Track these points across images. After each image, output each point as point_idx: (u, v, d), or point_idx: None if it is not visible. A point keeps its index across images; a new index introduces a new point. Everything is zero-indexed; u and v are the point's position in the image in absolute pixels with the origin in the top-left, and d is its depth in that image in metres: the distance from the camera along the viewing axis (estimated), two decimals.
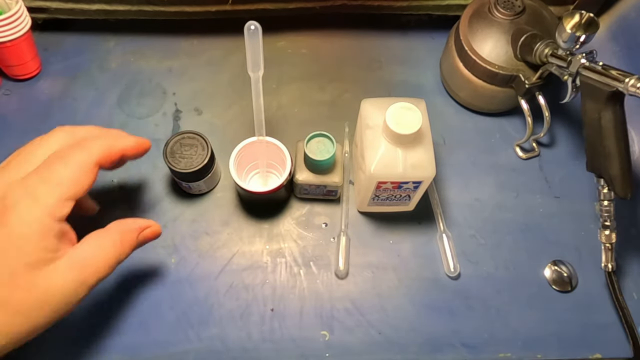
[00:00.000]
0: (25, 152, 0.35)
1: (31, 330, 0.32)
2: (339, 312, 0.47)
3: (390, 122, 0.40)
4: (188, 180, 0.47)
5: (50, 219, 0.32)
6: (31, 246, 0.32)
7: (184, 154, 0.45)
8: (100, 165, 0.36)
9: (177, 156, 0.45)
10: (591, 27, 0.43)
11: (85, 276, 0.34)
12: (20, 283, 0.31)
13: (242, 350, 0.45)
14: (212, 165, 0.48)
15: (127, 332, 0.45)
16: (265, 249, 0.49)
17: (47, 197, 0.32)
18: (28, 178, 0.33)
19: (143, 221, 0.39)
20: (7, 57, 0.54)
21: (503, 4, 0.51)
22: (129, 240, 0.37)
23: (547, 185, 0.54)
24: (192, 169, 0.45)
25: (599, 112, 0.42)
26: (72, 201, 0.34)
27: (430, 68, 0.60)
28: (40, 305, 0.32)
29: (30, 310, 0.32)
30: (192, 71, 0.59)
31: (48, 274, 0.32)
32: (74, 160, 0.34)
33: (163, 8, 0.57)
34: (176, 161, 0.45)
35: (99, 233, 0.36)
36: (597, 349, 0.47)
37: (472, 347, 0.46)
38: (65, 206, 0.33)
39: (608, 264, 0.47)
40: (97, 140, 0.36)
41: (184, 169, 0.45)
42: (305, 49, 0.61)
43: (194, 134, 0.46)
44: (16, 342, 0.32)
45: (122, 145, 0.37)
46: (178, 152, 0.45)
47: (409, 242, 0.50)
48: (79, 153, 0.35)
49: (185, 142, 0.46)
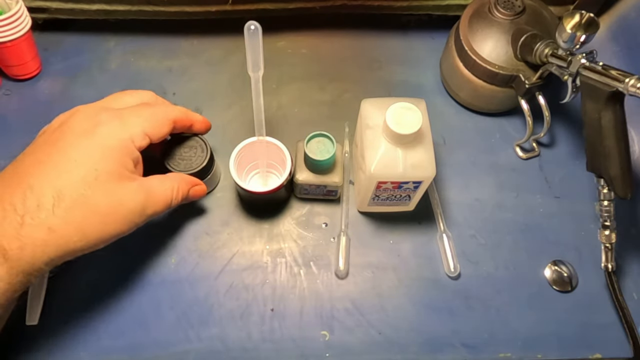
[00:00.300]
0: (117, 96, 0.42)
1: (100, 237, 0.36)
2: (339, 312, 0.47)
3: (391, 122, 0.40)
4: None
5: (132, 144, 0.38)
6: (114, 158, 0.36)
7: (183, 156, 0.45)
8: (175, 124, 0.42)
9: (177, 158, 0.45)
10: (591, 27, 0.43)
11: (148, 204, 0.38)
12: (102, 187, 0.35)
13: (242, 350, 0.45)
14: (212, 167, 0.48)
15: (127, 332, 0.45)
16: (265, 249, 0.49)
17: (134, 125, 0.38)
18: (122, 110, 0.39)
19: (195, 179, 0.45)
20: (7, 57, 0.54)
21: (503, 4, 0.51)
22: (183, 190, 0.43)
23: (547, 185, 0.54)
24: (191, 170, 0.44)
25: (599, 112, 0.42)
26: (149, 139, 0.39)
27: (430, 68, 0.60)
28: (113, 213, 0.36)
29: (105, 214, 0.36)
30: (192, 71, 0.59)
31: (123, 189, 0.37)
32: (160, 110, 0.41)
33: (163, 8, 0.57)
34: (175, 163, 0.45)
35: (162, 176, 0.42)
36: (597, 349, 0.47)
37: (472, 347, 0.46)
38: (145, 139, 0.39)
39: (608, 264, 0.47)
40: (177, 106, 0.44)
41: (183, 171, 0.44)
42: (305, 49, 0.61)
43: (193, 136, 0.46)
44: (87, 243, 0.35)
45: (193, 116, 0.44)
46: (177, 154, 0.45)
47: (409, 242, 0.50)
48: (163, 107, 0.42)
49: (184, 143, 0.45)
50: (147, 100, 0.43)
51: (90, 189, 0.35)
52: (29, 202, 0.33)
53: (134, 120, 0.38)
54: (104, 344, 0.44)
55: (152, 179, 0.40)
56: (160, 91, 0.57)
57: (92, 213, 0.35)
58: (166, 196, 0.40)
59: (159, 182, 0.40)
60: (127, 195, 0.37)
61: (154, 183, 0.40)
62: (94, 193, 0.35)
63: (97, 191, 0.35)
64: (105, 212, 0.36)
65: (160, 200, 0.40)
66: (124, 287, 0.46)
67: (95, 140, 0.36)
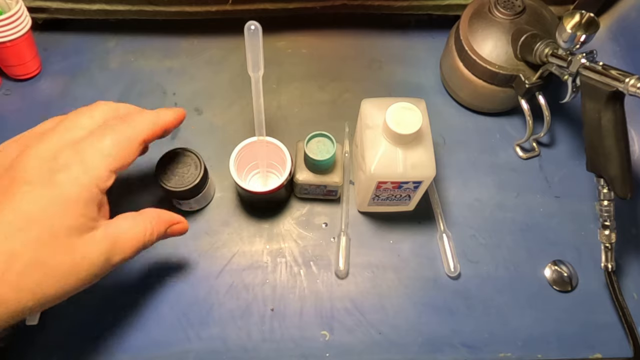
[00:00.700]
0: (71, 120, 0.36)
1: (58, 295, 0.32)
2: (339, 312, 0.47)
3: (390, 122, 0.40)
4: (178, 198, 0.47)
5: (97, 188, 0.33)
6: (76, 211, 0.32)
7: (175, 172, 0.44)
8: (145, 142, 0.36)
9: (169, 174, 0.43)
10: (591, 27, 0.43)
11: (113, 253, 0.34)
12: (60, 245, 0.31)
13: (242, 350, 0.45)
14: (205, 184, 0.47)
15: (128, 332, 0.45)
16: (265, 249, 0.49)
17: (97, 166, 0.33)
18: (80, 144, 0.33)
19: (175, 216, 0.40)
20: (7, 57, 0.54)
21: (503, 4, 0.51)
22: (158, 230, 0.38)
23: (547, 185, 0.54)
24: (183, 187, 0.43)
25: (599, 112, 0.42)
26: (115, 174, 0.34)
27: (431, 68, 0.60)
28: (74, 271, 0.32)
29: (63, 274, 0.32)
30: (192, 71, 0.59)
31: (85, 242, 0.32)
32: (124, 135, 0.35)
33: (163, 8, 0.57)
34: (167, 179, 0.43)
35: (133, 215, 0.37)
36: (597, 348, 0.47)
37: (472, 347, 0.46)
38: (110, 178, 0.34)
39: (608, 263, 0.47)
40: (142, 117, 0.37)
41: (174, 187, 0.43)
42: (305, 48, 0.61)
43: (188, 152, 0.45)
44: (43, 305, 0.32)
45: (164, 120, 0.38)
46: (170, 170, 0.43)
47: (409, 242, 0.50)
48: (128, 128, 0.35)
49: (178, 159, 0.44)
50: (104, 116, 0.36)
51: (46, 249, 0.31)
52: None
53: (96, 160, 0.33)
54: (103, 344, 0.44)
55: (120, 222, 0.36)
56: (160, 91, 0.57)
57: (48, 276, 0.31)
58: (137, 240, 0.36)
59: (129, 225, 0.36)
60: (88, 248, 0.33)
61: (123, 227, 0.35)
62: (50, 253, 0.31)
63: (54, 250, 0.31)
64: (64, 271, 0.32)
65: (129, 247, 0.35)
66: (123, 287, 0.47)
67: (53, 191, 0.31)
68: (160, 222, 0.38)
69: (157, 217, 0.38)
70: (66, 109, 0.48)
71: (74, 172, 0.32)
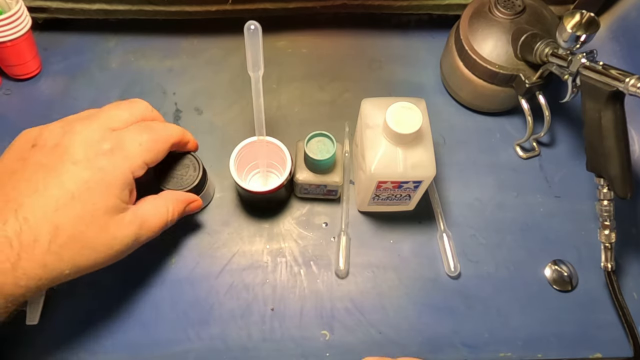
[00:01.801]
0: (112, 111, 0.39)
1: (91, 266, 0.36)
2: (339, 311, 0.47)
3: (391, 122, 0.40)
4: None
5: (132, 175, 0.37)
6: (114, 193, 0.36)
7: (175, 174, 0.44)
8: (174, 146, 0.41)
9: (169, 176, 0.43)
10: (592, 27, 0.43)
11: (141, 232, 0.38)
12: (97, 223, 0.35)
13: (242, 349, 0.45)
14: (204, 185, 0.46)
15: (128, 332, 0.45)
16: (265, 249, 0.49)
17: (135, 156, 0.37)
18: (122, 134, 0.37)
19: (190, 195, 0.44)
20: (7, 57, 0.54)
21: (503, 4, 0.51)
22: (178, 209, 0.42)
23: (547, 185, 0.54)
24: (182, 189, 0.43)
25: (599, 111, 0.42)
26: (147, 167, 0.38)
27: (431, 67, 0.60)
28: (108, 246, 0.36)
29: (99, 249, 0.36)
30: (193, 71, 0.59)
31: (118, 221, 0.36)
32: (159, 134, 0.39)
33: (163, 7, 0.57)
34: (167, 181, 0.43)
35: (155, 198, 0.41)
36: (597, 348, 0.47)
37: (472, 347, 0.46)
38: (143, 169, 0.38)
39: (608, 263, 0.47)
40: (173, 125, 0.42)
41: (174, 189, 0.43)
42: (305, 48, 0.61)
43: (187, 154, 0.44)
44: (78, 273, 0.35)
45: (189, 135, 0.43)
46: (170, 172, 0.43)
47: (409, 241, 0.50)
48: (163, 129, 0.40)
49: (178, 161, 0.44)
50: (142, 113, 0.40)
51: (86, 225, 0.34)
52: (25, 236, 0.32)
53: (136, 151, 0.37)
54: (104, 343, 0.44)
55: (145, 205, 0.39)
56: (160, 91, 0.57)
57: (85, 248, 0.35)
58: (160, 220, 0.40)
59: (152, 207, 0.40)
60: (120, 228, 0.36)
61: (147, 209, 0.39)
62: (89, 229, 0.35)
63: (92, 227, 0.35)
64: (99, 246, 0.35)
65: (154, 226, 0.39)
66: (124, 287, 0.47)
67: (97, 175, 0.35)
68: (179, 202, 0.42)
69: (176, 198, 0.42)
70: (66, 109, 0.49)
71: (116, 158, 0.36)
